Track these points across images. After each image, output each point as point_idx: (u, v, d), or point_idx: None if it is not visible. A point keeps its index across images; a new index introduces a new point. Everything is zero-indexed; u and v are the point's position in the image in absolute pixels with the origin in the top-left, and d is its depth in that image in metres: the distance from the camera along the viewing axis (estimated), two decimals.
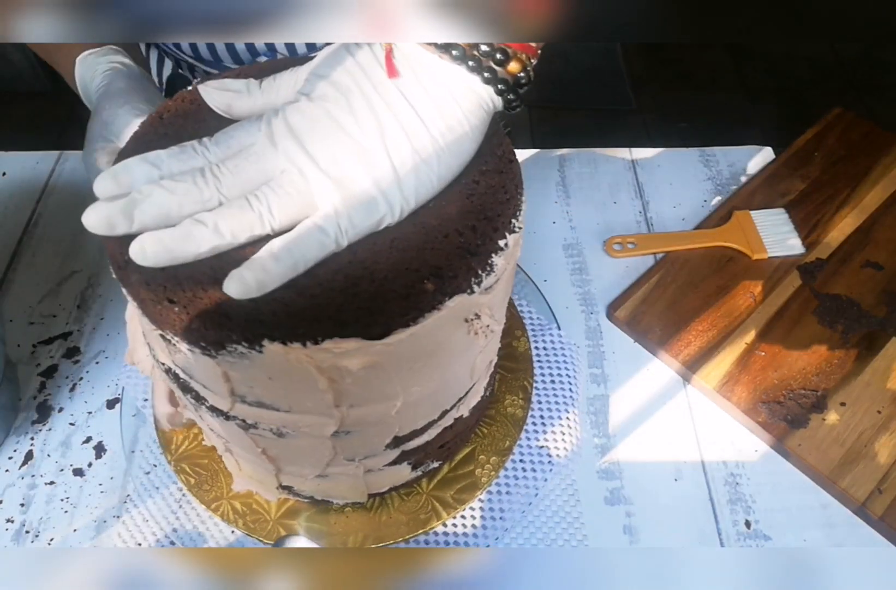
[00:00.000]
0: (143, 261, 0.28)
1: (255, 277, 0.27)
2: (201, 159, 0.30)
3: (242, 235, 0.28)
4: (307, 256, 0.28)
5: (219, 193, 0.29)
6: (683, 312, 0.58)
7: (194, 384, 0.34)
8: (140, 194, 0.28)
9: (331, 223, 0.28)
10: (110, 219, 0.28)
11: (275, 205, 0.28)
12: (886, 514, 0.48)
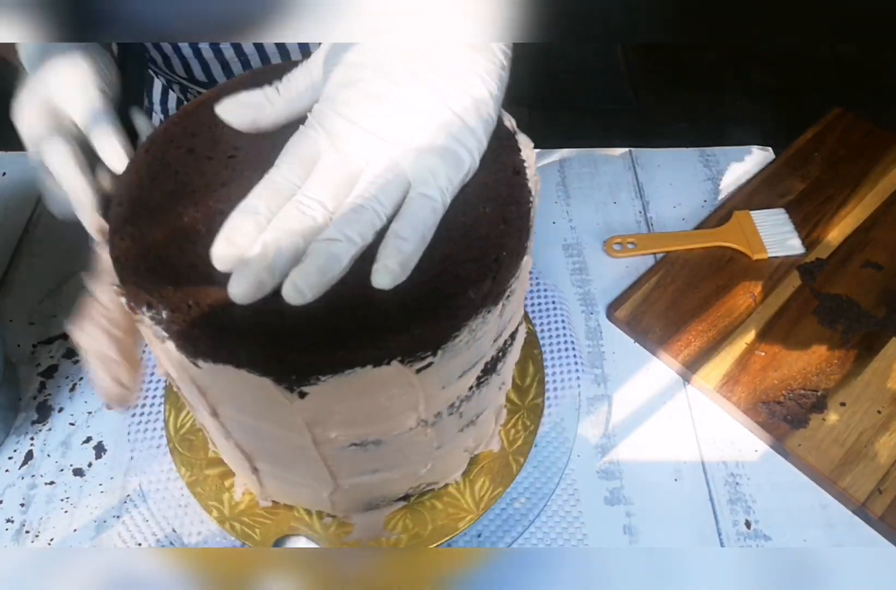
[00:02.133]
0: (301, 300, 0.27)
1: (396, 262, 0.28)
2: (288, 186, 0.29)
3: (369, 234, 0.29)
4: (427, 224, 0.29)
5: (327, 212, 0.29)
6: (683, 312, 0.58)
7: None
8: (267, 246, 0.28)
9: (433, 188, 0.29)
10: (259, 281, 0.27)
11: (380, 195, 0.29)
12: (886, 514, 0.48)
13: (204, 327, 0.27)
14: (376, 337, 0.27)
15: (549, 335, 0.56)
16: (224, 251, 0.28)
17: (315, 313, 0.27)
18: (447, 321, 0.28)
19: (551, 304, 0.58)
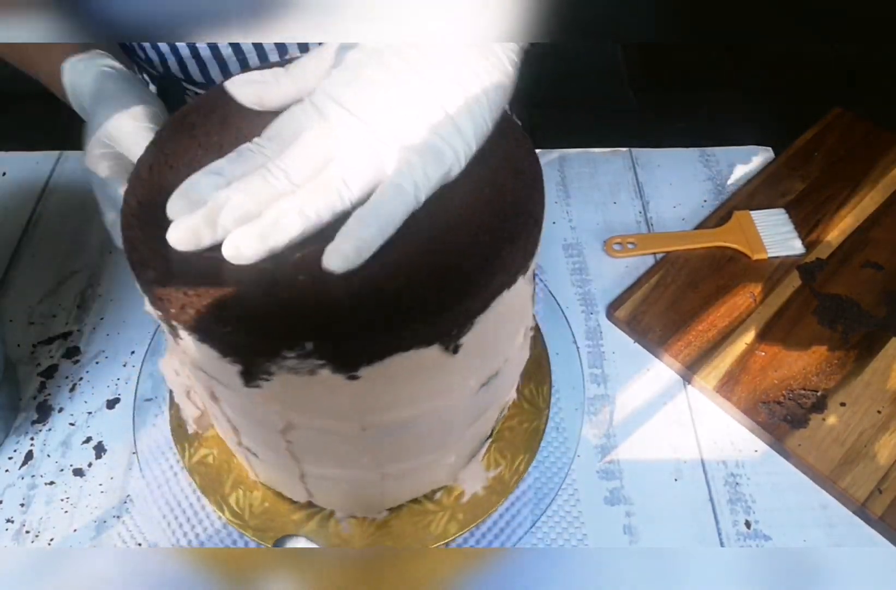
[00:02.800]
0: (239, 259, 0.28)
1: (352, 246, 0.27)
2: (260, 157, 0.30)
3: (326, 213, 0.29)
4: (394, 216, 0.28)
5: (291, 184, 0.29)
6: (683, 313, 0.58)
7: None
8: (217, 202, 0.28)
9: (407, 180, 0.29)
10: (195, 230, 0.28)
11: (348, 177, 0.29)
12: (886, 514, 0.48)
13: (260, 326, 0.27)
14: (424, 317, 0.27)
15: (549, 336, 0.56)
16: (178, 203, 0.28)
17: (353, 299, 0.27)
18: (485, 290, 0.28)
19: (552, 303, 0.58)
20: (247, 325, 0.27)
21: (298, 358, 0.27)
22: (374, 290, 0.28)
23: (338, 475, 0.40)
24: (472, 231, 0.30)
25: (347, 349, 0.27)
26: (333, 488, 0.42)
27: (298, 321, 0.27)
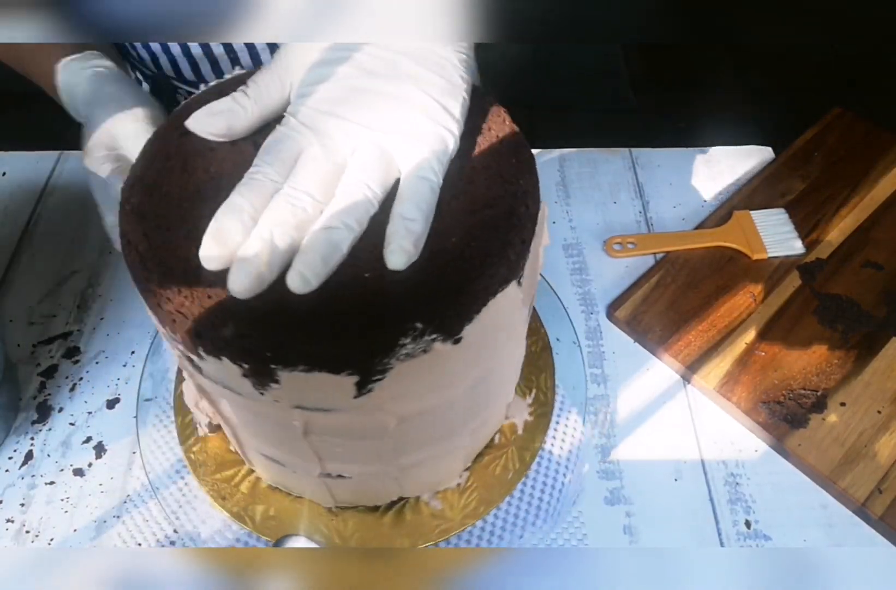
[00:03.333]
0: (306, 288, 0.27)
1: (410, 242, 0.28)
2: (270, 184, 0.29)
3: (365, 220, 0.29)
4: (430, 204, 0.29)
5: (317, 202, 0.29)
6: (683, 312, 0.58)
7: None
8: (264, 240, 0.28)
9: (426, 169, 0.30)
10: (259, 275, 0.27)
11: (370, 181, 0.29)
12: (886, 514, 0.48)
13: (274, 337, 0.27)
14: (431, 312, 0.28)
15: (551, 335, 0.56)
16: (212, 251, 0.28)
17: (356, 304, 0.28)
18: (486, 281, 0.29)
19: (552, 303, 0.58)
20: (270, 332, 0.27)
21: None
22: (364, 300, 0.28)
23: (356, 472, 0.40)
24: (468, 231, 0.30)
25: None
26: (351, 486, 0.42)
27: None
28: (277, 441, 0.38)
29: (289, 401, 0.31)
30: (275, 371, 0.28)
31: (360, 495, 0.45)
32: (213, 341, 0.28)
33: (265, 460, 0.41)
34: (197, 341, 0.28)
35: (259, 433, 0.38)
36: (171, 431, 0.50)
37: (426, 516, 0.45)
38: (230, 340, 0.27)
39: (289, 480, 0.44)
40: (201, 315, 0.27)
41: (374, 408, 0.31)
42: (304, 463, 0.39)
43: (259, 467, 0.45)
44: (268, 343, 0.27)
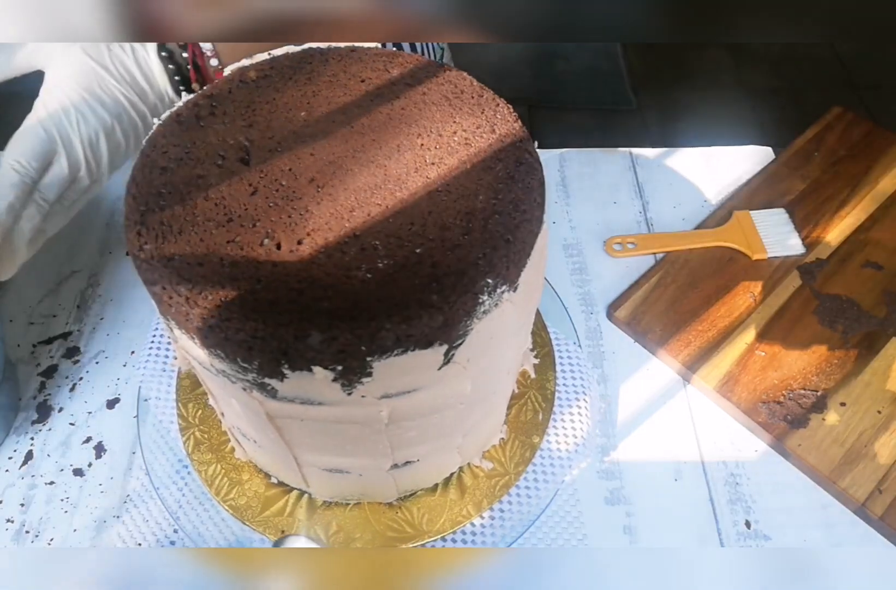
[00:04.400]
0: None
1: None
2: None
3: None
4: None
5: None
6: (683, 312, 0.58)
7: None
8: None
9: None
10: None
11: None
12: (886, 514, 0.48)
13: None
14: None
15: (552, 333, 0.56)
16: None
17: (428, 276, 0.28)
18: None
19: (552, 303, 0.58)
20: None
21: None
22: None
23: (424, 453, 0.40)
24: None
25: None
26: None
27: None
28: (348, 446, 0.37)
29: (376, 393, 0.30)
30: (369, 363, 0.28)
31: (424, 477, 0.45)
32: (302, 354, 0.27)
33: (327, 474, 0.41)
34: (282, 360, 0.27)
35: (325, 446, 0.37)
36: (172, 431, 0.50)
37: (482, 477, 0.47)
38: (320, 347, 0.27)
39: (352, 487, 0.44)
40: (280, 333, 0.27)
41: (453, 376, 0.32)
42: (375, 460, 0.39)
43: (317, 485, 0.44)
44: (360, 337, 0.27)
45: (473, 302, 0.28)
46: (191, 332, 0.28)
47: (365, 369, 0.28)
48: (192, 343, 0.29)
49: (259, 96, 0.34)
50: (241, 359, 0.28)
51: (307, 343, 0.27)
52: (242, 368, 0.29)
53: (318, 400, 0.30)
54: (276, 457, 0.41)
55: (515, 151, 0.33)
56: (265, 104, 0.34)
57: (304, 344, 0.27)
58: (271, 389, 0.30)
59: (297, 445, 0.37)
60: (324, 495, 0.46)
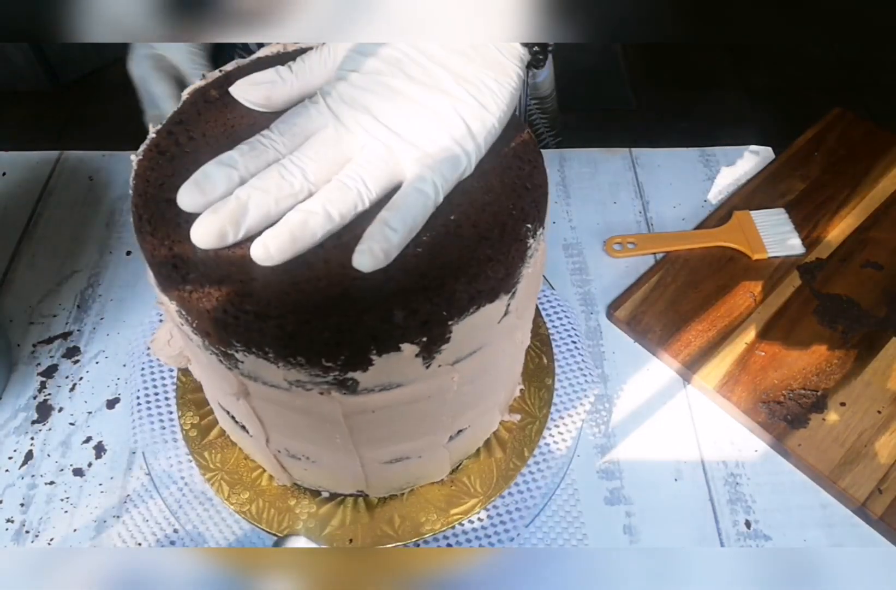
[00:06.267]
0: (268, 261, 0.28)
1: (381, 248, 0.28)
2: (273, 152, 0.30)
3: (349, 214, 0.29)
4: (417, 219, 0.30)
5: (307, 182, 0.29)
6: (683, 312, 0.58)
7: None
8: (239, 199, 0.28)
9: (428, 185, 0.30)
10: (222, 230, 0.28)
11: (368, 179, 0.30)
12: (886, 514, 0.48)
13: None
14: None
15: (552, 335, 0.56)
16: (190, 196, 0.29)
17: (452, 263, 0.29)
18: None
19: (553, 303, 0.58)
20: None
21: None
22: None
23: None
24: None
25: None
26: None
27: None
28: (414, 428, 0.38)
29: (450, 359, 0.32)
30: (450, 328, 0.29)
31: (472, 444, 0.46)
32: (390, 334, 0.28)
33: (387, 467, 0.41)
34: (371, 346, 0.28)
35: (392, 434, 0.38)
36: (172, 431, 0.50)
37: (514, 429, 0.49)
38: (405, 323, 0.28)
39: (410, 473, 0.44)
40: (365, 320, 0.28)
41: (509, 328, 0.34)
42: (437, 436, 0.40)
43: (377, 483, 0.44)
44: (438, 304, 0.28)
45: (523, 247, 0.30)
46: (263, 348, 0.28)
47: (445, 335, 0.29)
48: (262, 361, 0.29)
49: (230, 111, 0.34)
50: (325, 358, 0.28)
51: (392, 322, 0.28)
52: (325, 369, 0.29)
53: (398, 382, 0.31)
54: (338, 465, 0.41)
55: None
56: (240, 118, 0.33)
57: (390, 324, 0.28)
58: (352, 384, 0.30)
59: (366, 442, 0.38)
60: (381, 492, 0.46)
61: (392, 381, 0.31)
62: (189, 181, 0.29)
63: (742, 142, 0.72)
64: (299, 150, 0.30)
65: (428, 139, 0.30)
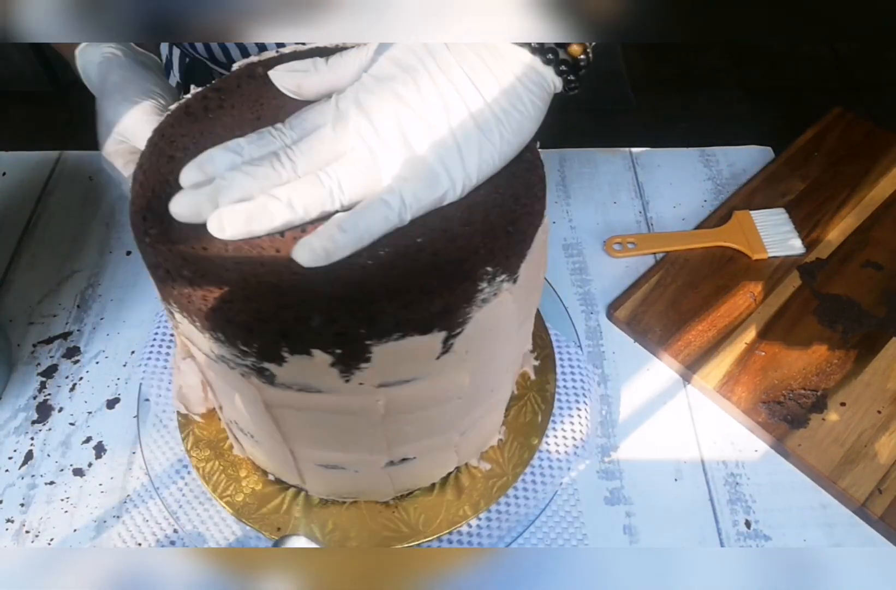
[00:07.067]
0: (220, 234, 0.29)
1: (322, 245, 0.28)
2: (278, 143, 0.31)
3: (314, 210, 0.29)
4: (372, 228, 0.29)
5: (295, 174, 0.30)
6: (683, 312, 0.58)
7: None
8: (224, 180, 0.29)
9: (395, 198, 0.29)
10: (197, 205, 0.29)
11: (344, 181, 0.29)
12: (886, 514, 0.48)
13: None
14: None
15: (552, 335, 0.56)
16: (192, 174, 0.30)
17: (428, 264, 0.29)
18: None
19: (553, 303, 0.58)
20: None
21: None
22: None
23: (422, 450, 0.40)
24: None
25: None
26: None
27: None
28: (344, 439, 0.37)
29: (374, 381, 0.31)
30: (368, 347, 0.28)
31: (420, 476, 0.45)
32: (302, 336, 0.28)
33: (322, 470, 0.41)
34: (282, 342, 0.28)
35: (322, 439, 0.38)
36: (172, 431, 0.50)
37: (480, 478, 0.47)
38: (320, 329, 0.27)
39: (348, 484, 0.44)
40: (280, 315, 0.27)
41: (452, 367, 0.32)
42: (371, 456, 0.39)
43: (313, 482, 0.44)
44: (360, 320, 0.27)
45: (473, 289, 0.29)
46: (192, 315, 0.29)
47: (363, 354, 0.28)
48: (192, 327, 0.30)
49: (267, 91, 0.35)
50: (241, 342, 0.28)
51: (307, 325, 0.27)
52: (242, 352, 0.29)
53: (315, 387, 0.31)
54: (273, 452, 0.41)
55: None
56: (273, 99, 0.34)
57: (305, 326, 0.27)
58: (269, 375, 0.30)
59: (294, 438, 0.37)
60: (320, 493, 0.46)
61: (309, 384, 0.31)
62: (193, 161, 0.30)
63: (742, 142, 0.72)
64: (296, 144, 0.30)
65: (414, 155, 0.30)
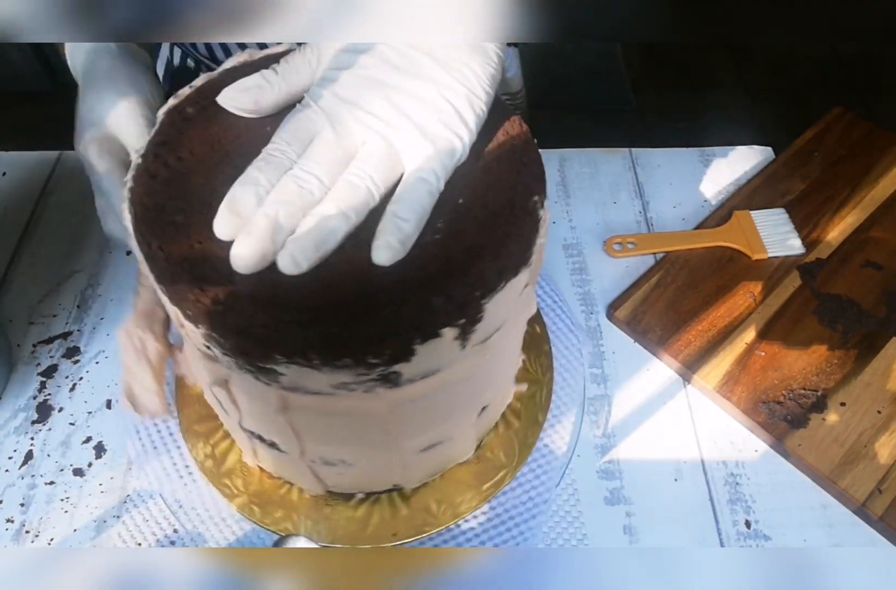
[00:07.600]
0: (296, 270, 0.28)
1: (396, 239, 0.29)
2: (287, 161, 0.30)
3: (363, 211, 0.30)
4: (425, 206, 0.30)
5: (323, 186, 0.30)
6: (683, 312, 0.58)
7: None
8: (269, 217, 0.28)
9: (428, 172, 0.30)
10: (263, 251, 0.28)
11: (374, 175, 0.30)
12: (886, 514, 0.48)
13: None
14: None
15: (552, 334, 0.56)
16: (227, 221, 0.29)
17: (453, 263, 0.30)
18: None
19: (553, 303, 0.58)
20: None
21: None
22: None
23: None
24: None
25: None
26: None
27: None
28: (445, 416, 0.38)
29: (481, 337, 0.32)
30: (483, 306, 0.29)
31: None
32: (432, 322, 0.28)
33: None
34: (415, 335, 0.28)
35: (425, 425, 0.38)
36: (172, 431, 0.50)
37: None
38: (444, 308, 0.28)
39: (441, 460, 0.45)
40: (405, 310, 0.28)
41: (526, 299, 0.34)
42: (467, 415, 0.40)
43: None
44: (472, 285, 0.29)
45: (536, 220, 0.31)
46: (308, 356, 0.28)
47: (479, 315, 0.29)
48: (305, 371, 0.29)
49: (214, 127, 0.33)
50: (371, 356, 0.28)
51: (432, 310, 0.28)
52: (370, 366, 0.29)
53: (436, 368, 0.31)
54: (376, 463, 0.41)
55: (517, 148, 0.34)
56: (225, 132, 0.33)
57: (430, 311, 0.28)
58: (395, 377, 0.30)
59: (404, 433, 0.38)
60: (415, 482, 0.46)
61: (431, 367, 0.31)
62: (221, 208, 0.29)
63: (742, 142, 0.72)
64: (304, 156, 0.30)
65: (422, 128, 0.30)
